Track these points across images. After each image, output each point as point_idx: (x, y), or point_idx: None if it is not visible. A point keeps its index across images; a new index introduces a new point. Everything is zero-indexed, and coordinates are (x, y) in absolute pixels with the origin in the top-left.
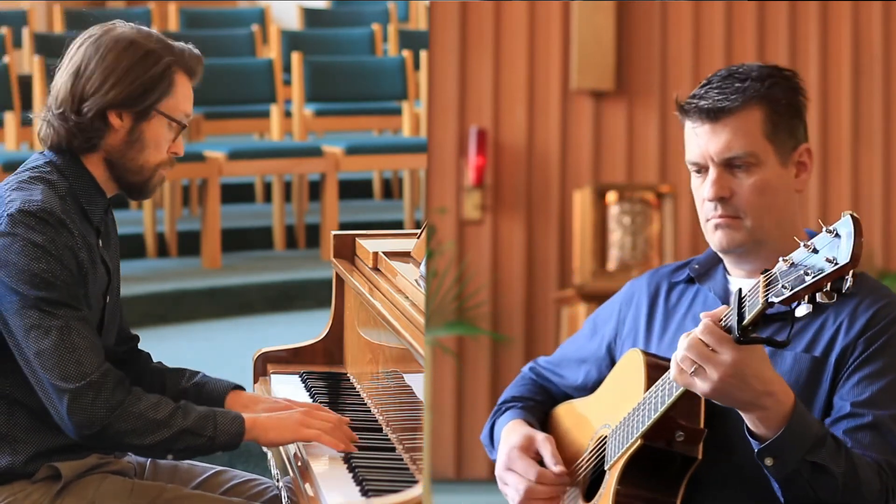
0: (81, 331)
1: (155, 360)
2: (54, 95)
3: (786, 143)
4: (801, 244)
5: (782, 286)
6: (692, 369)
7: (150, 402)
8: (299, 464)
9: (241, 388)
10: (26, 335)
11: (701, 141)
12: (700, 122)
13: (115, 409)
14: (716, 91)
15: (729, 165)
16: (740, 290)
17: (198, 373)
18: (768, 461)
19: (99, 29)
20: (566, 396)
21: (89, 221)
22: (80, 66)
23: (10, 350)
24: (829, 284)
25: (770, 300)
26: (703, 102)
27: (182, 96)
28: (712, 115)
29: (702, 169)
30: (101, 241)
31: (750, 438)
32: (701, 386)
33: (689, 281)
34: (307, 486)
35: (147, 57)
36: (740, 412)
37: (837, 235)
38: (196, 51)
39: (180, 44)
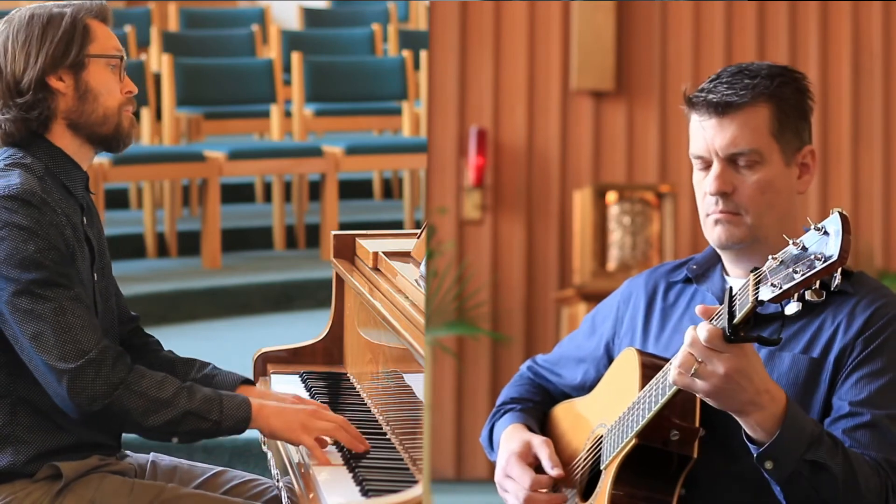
0: (75, 310)
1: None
2: None
3: (791, 143)
4: (790, 242)
5: (772, 284)
6: (693, 369)
7: (154, 379)
8: (299, 464)
9: (250, 381)
10: (21, 321)
11: (707, 134)
12: (707, 115)
13: (118, 386)
14: (725, 85)
15: (733, 161)
16: (730, 288)
17: (208, 364)
18: (768, 465)
19: (1, 24)
20: (564, 396)
21: (73, 196)
22: (1, 60)
23: (11, 345)
24: (817, 282)
25: (760, 298)
26: (711, 96)
27: (104, 37)
28: (720, 108)
29: (705, 163)
30: (85, 219)
31: (749, 444)
32: (702, 385)
33: (687, 281)
34: (307, 486)
35: (53, 18)
36: (738, 416)
37: (826, 233)
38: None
39: (77, 0)
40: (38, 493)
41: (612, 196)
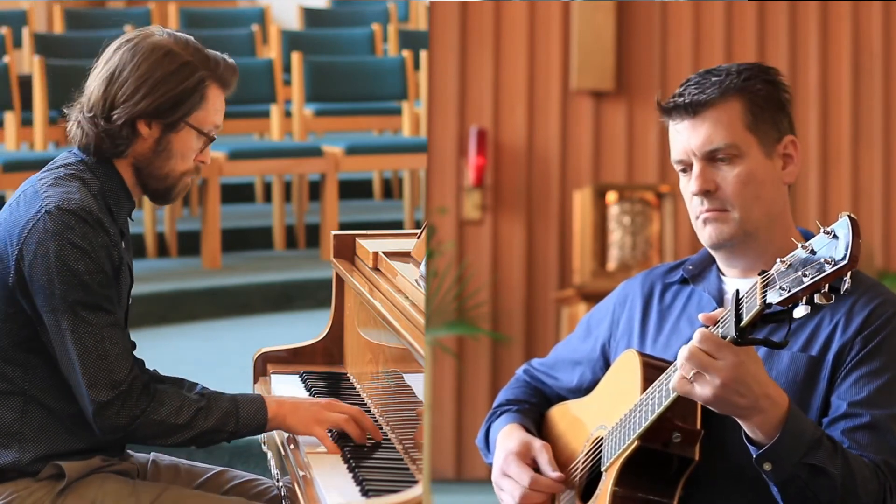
0: (114, 336)
1: (151, 365)
2: (87, 97)
3: (769, 135)
4: (799, 245)
5: (780, 287)
6: (691, 376)
7: (173, 406)
8: (299, 464)
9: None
10: (62, 338)
11: (682, 137)
12: (680, 118)
13: (138, 417)
14: (694, 87)
15: (712, 159)
16: (737, 291)
17: (196, 384)
18: (766, 466)
19: (137, 34)
20: (560, 398)
21: (115, 223)
22: (114, 71)
23: (35, 344)
24: (827, 285)
25: (768, 301)
26: (681, 99)
27: (213, 109)
28: (691, 109)
29: (687, 167)
30: (123, 244)
31: (748, 445)
32: (701, 392)
33: (683, 282)
34: (307, 486)
35: (182, 69)
36: (738, 419)
37: (835, 236)
38: (231, 61)
39: (215, 54)
40: (41, 492)
41: (612, 196)
